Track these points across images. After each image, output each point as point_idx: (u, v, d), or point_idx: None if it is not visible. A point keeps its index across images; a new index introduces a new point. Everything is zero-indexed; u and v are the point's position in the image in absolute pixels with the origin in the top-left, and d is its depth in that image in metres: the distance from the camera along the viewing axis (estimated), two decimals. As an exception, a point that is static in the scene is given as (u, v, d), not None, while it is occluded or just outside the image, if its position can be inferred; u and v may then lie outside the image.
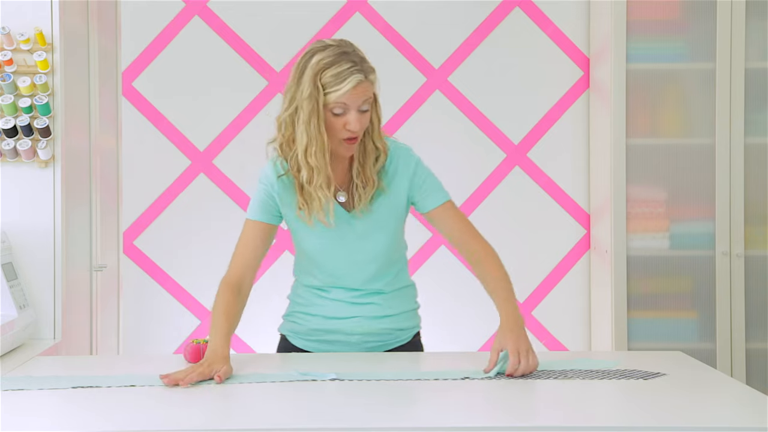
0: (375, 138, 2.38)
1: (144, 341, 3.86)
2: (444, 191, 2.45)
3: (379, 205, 2.41)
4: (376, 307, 2.46)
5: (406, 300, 2.53)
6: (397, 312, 2.49)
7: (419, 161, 2.44)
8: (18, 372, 2.35)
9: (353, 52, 2.30)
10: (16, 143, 2.89)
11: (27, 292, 2.90)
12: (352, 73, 2.26)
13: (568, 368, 2.29)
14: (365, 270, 2.44)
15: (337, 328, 2.47)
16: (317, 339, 2.50)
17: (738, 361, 3.60)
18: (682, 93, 3.66)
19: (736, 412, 2.00)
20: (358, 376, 2.20)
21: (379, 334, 2.48)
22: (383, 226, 2.42)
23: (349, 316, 2.46)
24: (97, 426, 1.86)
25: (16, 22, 2.92)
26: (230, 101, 3.89)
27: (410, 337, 2.54)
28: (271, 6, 3.88)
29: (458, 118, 3.92)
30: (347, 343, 2.48)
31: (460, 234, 2.43)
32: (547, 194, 3.95)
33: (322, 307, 2.48)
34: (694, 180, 3.64)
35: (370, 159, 2.38)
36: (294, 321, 2.53)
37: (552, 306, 3.95)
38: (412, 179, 2.42)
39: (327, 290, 2.47)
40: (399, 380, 2.19)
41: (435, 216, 2.43)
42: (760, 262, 3.62)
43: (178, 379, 2.13)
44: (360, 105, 2.29)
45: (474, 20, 3.91)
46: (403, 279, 2.53)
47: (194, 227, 3.89)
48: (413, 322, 2.55)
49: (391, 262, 2.47)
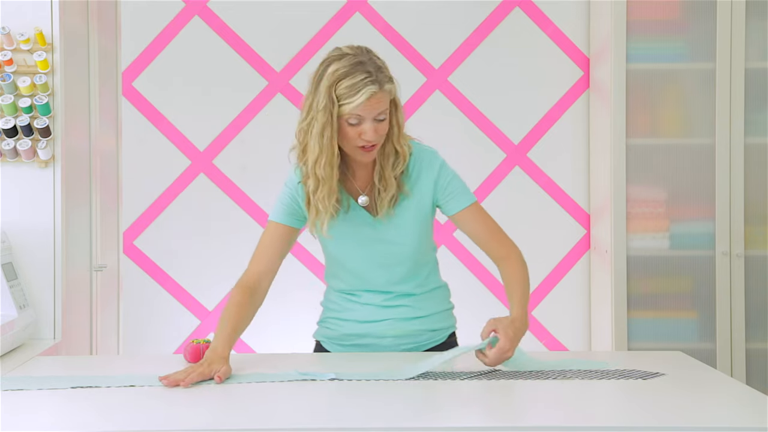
0: (395, 142, 2.36)
1: (144, 341, 3.86)
2: (469, 194, 2.44)
3: (404, 209, 2.40)
4: (407, 309, 2.46)
5: (439, 301, 2.53)
6: (430, 313, 2.49)
7: (443, 164, 2.44)
8: (18, 372, 2.35)
9: (369, 61, 2.28)
10: (16, 143, 2.89)
11: (27, 292, 2.90)
12: (366, 84, 2.24)
13: (566, 368, 2.29)
14: (393, 273, 2.44)
15: (369, 332, 2.48)
16: (351, 343, 2.51)
17: (738, 361, 3.60)
18: (682, 93, 3.66)
19: (736, 412, 2.00)
20: (357, 376, 2.20)
21: (411, 335, 2.48)
22: (409, 229, 2.41)
23: (381, 319, 2.47)
24: (97, 426, 1.86)
25: (16, 22, 2.92)
26: (230, 101, 3.89)
27: (445, 337, 2.54)
28: (271, 6, 3.88)
29: (458, 118, 3.92)
30: (380, 346, 2.48)
31: (484, 236, 2.42)
32: (547, 194, 3.95)
33: (354, 311, 2.48)
34: (694, 180, 3.64)
35: (390, 162, 2.37)
36: (327, 327, 2.54)
37: (552, 306, 3.95)
38: (437, 182, 2.41)
39: (358, 294, 2.48)
40: (397, 380, 2.19)
41: (460, 219, 2.43)
42: (760, 262, 3.62)
43: (178, 380, 2.13)
44: (375, 115, 2.27)
45: (474, 20, 3.91)
46: (434, 280, 2.52)
47: (194, 227, 3.89)
48: (447, 323, 2.55)
49: (420, 264, 2.47)
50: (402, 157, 2.38)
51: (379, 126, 2.29)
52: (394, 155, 2.38)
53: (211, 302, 3.90)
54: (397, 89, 2.35)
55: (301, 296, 3.74)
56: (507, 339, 2.22)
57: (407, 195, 2.40)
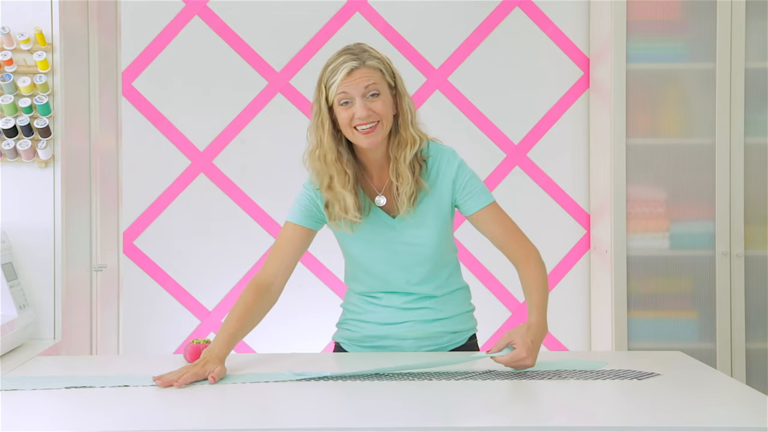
0: (404, 130, 2.35)
1: (144, 341, 3.86)
2: (487, 194, 2.42)
3: (423, 209, 2.40)
4: (428, 311, 2.46)
5: (460, 303, 2.52)
6: (451, 315, 2.49)
7: (462, 163, 2.42)
8: (18, 372, 2.35)
9: (356, 46, 2.32)
10: (16, 143, 2.89)
11: (27, 292, 2.90)
12: (345, 62, 2.28)
13: (561, 369, 2.29)
14: (414, 274, 2.43)
15: (390, 334, 2.47)
16: (371, 345, 2.50)
17: (738, 361, 3.60)
18: (682, 93, 3.66)
19: (736, 412, 2.00)
20: (353, 376, 2.20)
21: (432, 337, 2.47)
22: (429, 229, 2.41)
23: (402, 321, 2.46)
24: (96, 426, 1.86)
25: (16, 22, 2.92)
26: (230, 101, 3.89)
27: (465, 339, 2.53)
28: (271, 6, 3.88)
29: (458, 118, 3.92)
30: (401, 348, 2.47)
31: (503, 236, 2.41)
32: (547, 194, 3.95)
33: (375, 313, 2.48)
34: (694, 180, 3.64)
35: (402, 153, 2.36)
36: (347, 329, 2.54)
37: (552, 306, 3.91)
38: (455, 181, 2.40)
39: (378, 296, 2.47)
40: (396, 379, 2.19)
41: (478, 219, 2.42)
42: (760, 262, 3.62)
43: (172, 380, 2.13)
44: (363, 92, 2.28)
45: (474, 20, 3.91)
46: (455, 282, 2.51)
47: (194, 227, 3.89)
48: (468, 325, 2.54)
49: (441, 265, 2.46)
50: (413, 143, 2.35)
51: (371, 104, 2.29)
52: (405, 143, 2.36)
53: (211, 302, 3.89)
54: (400, 78, 2.36)
55: (303, 297, 3.75)
56: (525, 347, 2.20)
57: (427, 193, 2.39)
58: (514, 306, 3.91)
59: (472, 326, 2.55)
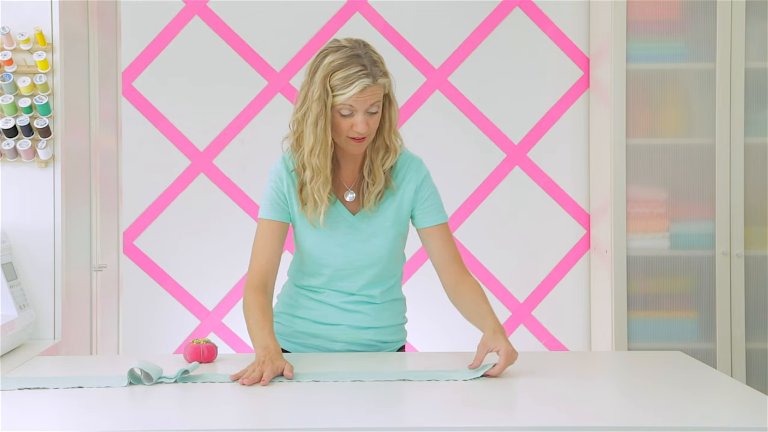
0: (386, 137, 2.38)
1: (144, 341, 3.86)
2: (443, 213, 2.46)
3: (385, 207, 2.42)
4: (363, 316, 2.47)
5: (395, 314, 2.54)
6: (384, 325, 2.50)
7: (428, 175, 2.46)
8: (18, 372, 2.35)
9: (365, 55, 2.30)
10: (16, 143, 2.89)
11: (27, 292, 2.90)
12: (360, 77, 2.27)
13: (457, 378, 2.24)
14: (363, 274, 2.44)
15: (321, 334, 2.48)
16: (301, 342, 2.50)
17: (738, 361, 3.60)
18: (682, 93, 3.66)
19: (736, 412, 2.00)
20: (342, 377, 2.20)
21: (363, 344, 2.48)
22: (386, 230, 2.42)
23: (336, 323, 2.47)
24: (97, 426, 1.87)
25: (16, 22, 2.92)
26: (230, 101, 3.89)
27: (394, 350, 2.55)
28: (271, 6, 3.88)
29: (458, 118, 3.92)
30: (331, 350, 2.48)
31: (448, 257, 2.44)
32: (547, 194, 3.95)
33: (310, 310, 2.48)
34: (694, 180, 3.64)
35: (380, 156, 2.39)
36: (278, 322, 2.52)
37: (552, 306, 3.95)
38: (418, 190, 2.43)
39: (320, 291, 2.47)
40: (386, 381, 2.18)
41: (430, 234, 2.45)
42: (760, 262, 3.62)
43: (255, 379, 2.13)
44: (367, 108, 2.30)
45: (474, 20, 3.91)
46: (396, 292, 2.53)
47: (194, 227, 3.89)
48: (399, 336, 2.56)
49: (389, 271, 2.48)
50: (392, 152, 2.40)
51: (370, 119, 2.31)
52: (384, 149, 2.39)
53: (211, 302, 3.89)
54: (393, 85, 2.37)
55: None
56: (507, 344, 2.22)
57: (392, 192, 2.42)
58: (514, 306, 3.91)
59: (402, 338, 2.57)
